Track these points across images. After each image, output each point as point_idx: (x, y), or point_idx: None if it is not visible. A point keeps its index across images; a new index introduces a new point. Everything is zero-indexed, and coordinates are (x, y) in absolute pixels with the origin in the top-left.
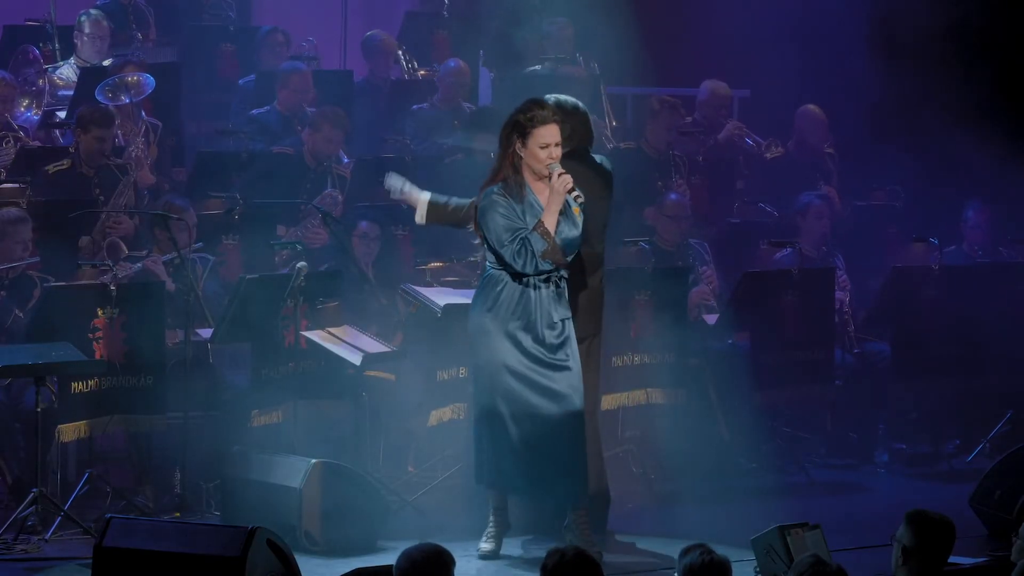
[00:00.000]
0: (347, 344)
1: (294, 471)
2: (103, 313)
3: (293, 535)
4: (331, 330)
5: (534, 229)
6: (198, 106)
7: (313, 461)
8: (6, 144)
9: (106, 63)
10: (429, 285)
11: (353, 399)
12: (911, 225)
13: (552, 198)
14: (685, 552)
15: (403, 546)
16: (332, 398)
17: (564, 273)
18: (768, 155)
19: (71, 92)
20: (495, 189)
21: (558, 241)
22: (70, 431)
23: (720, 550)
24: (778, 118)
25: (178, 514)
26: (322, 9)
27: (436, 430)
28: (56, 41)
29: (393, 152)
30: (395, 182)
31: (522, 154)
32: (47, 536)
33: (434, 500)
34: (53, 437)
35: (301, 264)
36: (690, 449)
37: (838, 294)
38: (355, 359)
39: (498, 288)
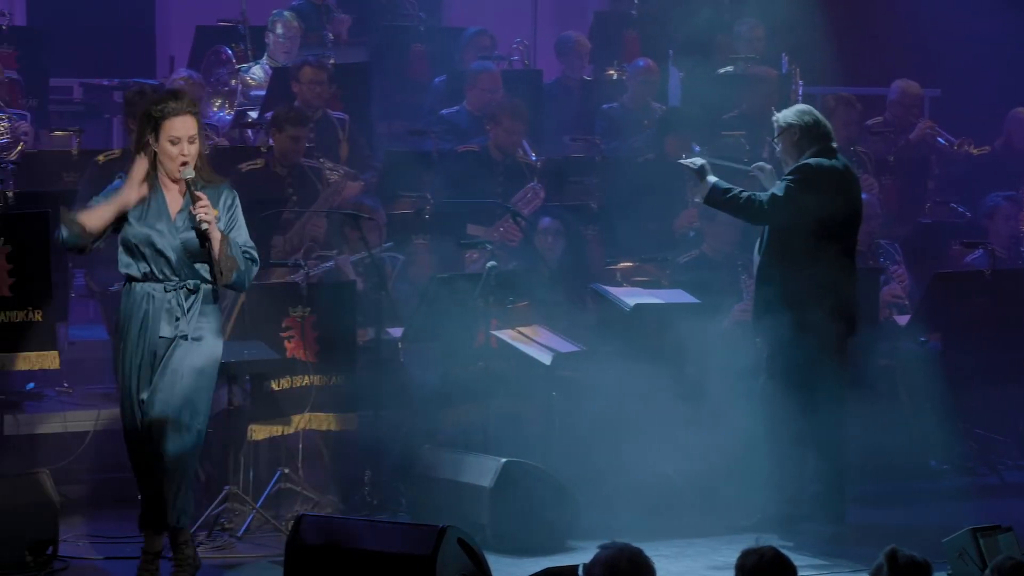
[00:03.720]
0: (537, 344)
1: (484, 470)
2: (294, 312)
3: (483, 534)
4: (521, 329)
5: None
6: (388, 106)
7: (503, 460)
8: None
9: None
10: (619, 285)
11: (543, 398)
12: None
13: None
14: (892, 555)
15: (592, 546)
16: (522, 397)
17: (194, 283)
18: (975, 151)
19: (263, 92)
20: (120, 179)
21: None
22: (262, 430)
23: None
24: (969, 117)
25: (369, 512)
26: (512, 9)
27: (624, 429)
28: (248, 41)
29: (582, 152)
30: (695, 160)
31: (156, 149)
32: (240, 533)
33: (623, 499)
34: (245, 435)
35: (491, 263)
36: (881, 451)
37: None
38: (545, 358)
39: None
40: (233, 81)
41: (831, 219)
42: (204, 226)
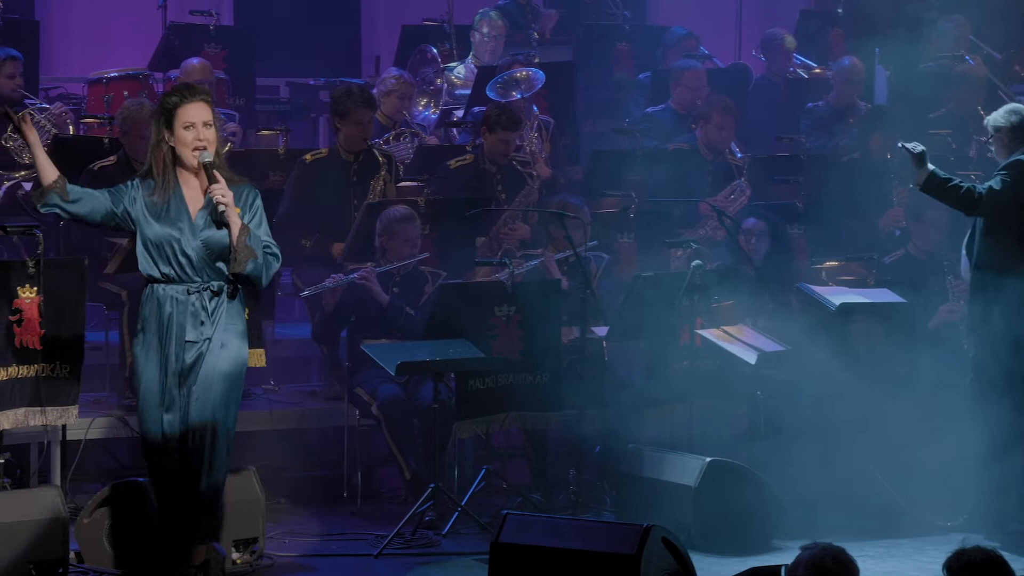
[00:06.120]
0: (742, 343)
1: (688, 469)
2: (500, 311)
3: (687, 533)
4: (726, 328)
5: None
6: (593, 105)
7: (707, 459)
8: (404, 140)
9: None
10: (824, 284)
11: (748, 398)
12: None
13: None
14: None
15: (796, 546)
16: (727, 397)
17: (218, 285)
18: None
19: (468, 91)
20: (133, 183)
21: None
22: (467, 427)
23: None
24: None
25: (573, 511)
26: (717, 6)
27: (829, 428)
28: (453, 41)
29: (788, 150)
30: (917, 144)
31: (172, 143)
32: (444, 531)
33: (827, 499)
34: (450, 433)
35: (696, 262)
36: None
37: None
38: (750, 358)
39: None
40: (438, 80)
41: None
42: (221, 208)
